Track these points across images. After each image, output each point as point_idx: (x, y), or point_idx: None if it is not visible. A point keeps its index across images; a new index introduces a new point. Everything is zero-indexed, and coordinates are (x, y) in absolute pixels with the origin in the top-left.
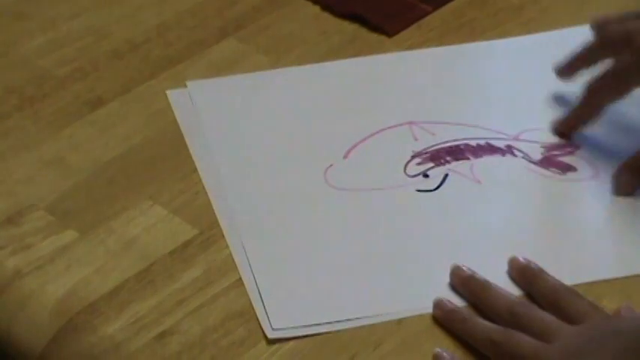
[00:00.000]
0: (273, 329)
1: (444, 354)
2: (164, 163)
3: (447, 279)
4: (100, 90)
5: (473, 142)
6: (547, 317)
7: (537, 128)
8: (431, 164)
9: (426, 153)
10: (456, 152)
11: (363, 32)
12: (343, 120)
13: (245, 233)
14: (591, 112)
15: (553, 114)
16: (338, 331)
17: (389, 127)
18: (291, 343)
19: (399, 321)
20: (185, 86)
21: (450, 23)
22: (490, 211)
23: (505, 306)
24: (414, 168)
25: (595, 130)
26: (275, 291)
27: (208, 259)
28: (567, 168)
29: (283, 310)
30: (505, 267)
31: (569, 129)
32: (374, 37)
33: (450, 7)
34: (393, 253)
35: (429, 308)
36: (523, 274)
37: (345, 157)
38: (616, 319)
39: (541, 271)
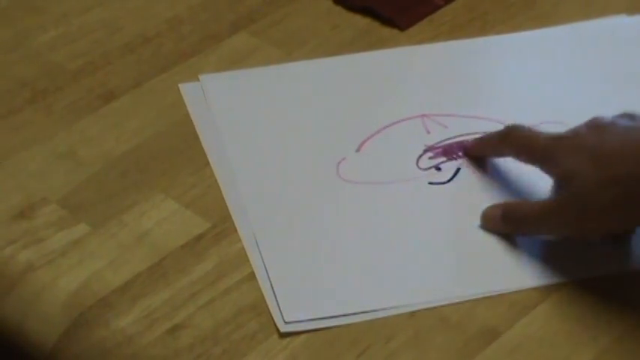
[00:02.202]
0: (285, 323)
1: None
2: (176, 156)
3: (458, 272)
4: (112, 84)
5: None
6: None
7: (549, 122)
8: (443, 159)
9: (438, 148)
10: None
11: (375, 26)
12: (355, 113)
13: (257, 227)
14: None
15: (564, 108)
16: (350, 324)
17: (401, 120)
18: (303, 336)
19: (411, 314)
20: (197, 80)
21: (462, 17)
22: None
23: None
24: (426, 162)
25: None
26: (287, 284)
27: (220, 253)
28: None
29: (295, 304)
30: (515, 260)
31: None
32: (386, 31)
33: (461, 1)
34: (405, 246)
35: (441, 301)
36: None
37: (357, 150)
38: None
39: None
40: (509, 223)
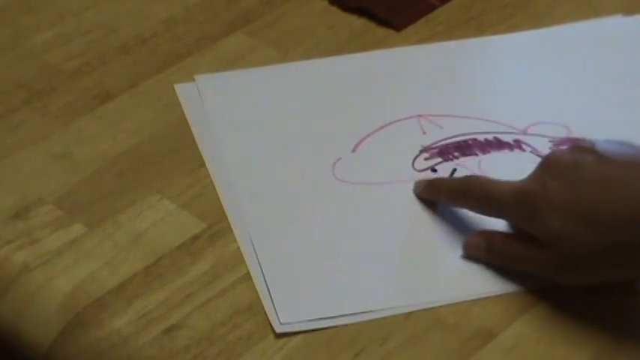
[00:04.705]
0: (281, 323)
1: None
2: (172, 157)
3: (454, 273)
4: (108, 84)
5: (481, 137)
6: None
7: (545, 122)
8: (439, 159)
9: (433, 148)
10: (464, 148)
11: (371, 26)
12: (351, 113)
13: (253, 227)
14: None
15: (560, 108)
16: (346, 325)
17: (397, 120)
18: (299, 337)
19: (407, 315)
20: (193, 80)
21: (458, 17)
22: None
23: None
24: (422, 162)
25: (602, 121)
26: (283, 285)
27: (216, 253)
28: None
29: (291, 305)
30: None
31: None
32: (382, 31)
33: (457, 1)
34: (401, 246)
35: (436, 302)
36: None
37: (353, 150)
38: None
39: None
40: (495, 256)
